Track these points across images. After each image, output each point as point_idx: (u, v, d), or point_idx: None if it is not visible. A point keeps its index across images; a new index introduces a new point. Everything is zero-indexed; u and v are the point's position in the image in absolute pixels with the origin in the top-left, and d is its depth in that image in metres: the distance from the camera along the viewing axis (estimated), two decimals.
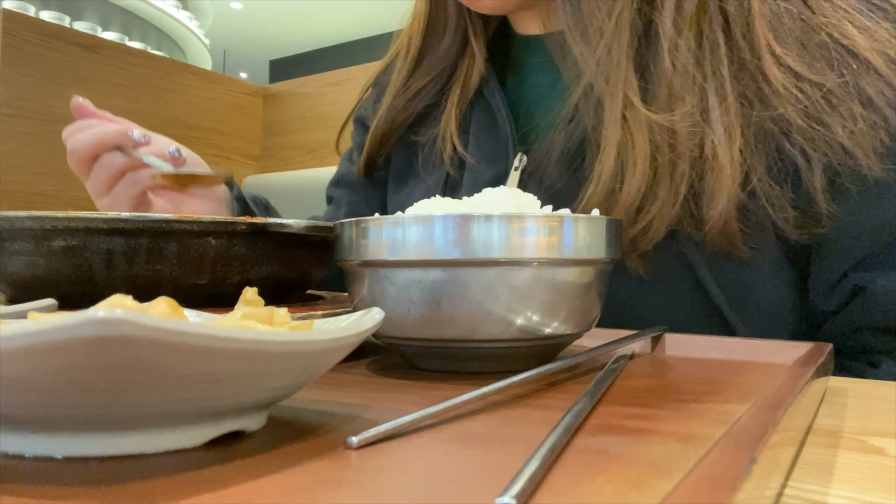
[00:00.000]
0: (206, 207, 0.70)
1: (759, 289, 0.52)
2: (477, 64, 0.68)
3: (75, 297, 0.38)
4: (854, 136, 0.46)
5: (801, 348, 0.38)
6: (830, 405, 0.33)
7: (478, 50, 0.68)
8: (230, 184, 0.74)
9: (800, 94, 0.47)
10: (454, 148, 0.66)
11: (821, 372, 0.31)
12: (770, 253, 0.51)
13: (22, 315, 0.29)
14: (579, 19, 0.52)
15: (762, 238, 0.50)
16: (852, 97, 0.47)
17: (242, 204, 0.74)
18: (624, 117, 0.50)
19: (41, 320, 0.16)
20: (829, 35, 0.48)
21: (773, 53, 0.48)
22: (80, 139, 0.61)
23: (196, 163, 0.68)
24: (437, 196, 0.38)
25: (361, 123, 0.80)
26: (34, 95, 1.69)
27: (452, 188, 0.66)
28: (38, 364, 0.17)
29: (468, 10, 0.66)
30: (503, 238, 0.33)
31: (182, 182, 0.64)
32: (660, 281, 0.52)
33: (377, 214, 0.35)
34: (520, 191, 0.37)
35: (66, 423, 0.20)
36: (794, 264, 0.53)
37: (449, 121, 0.67)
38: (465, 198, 0.38)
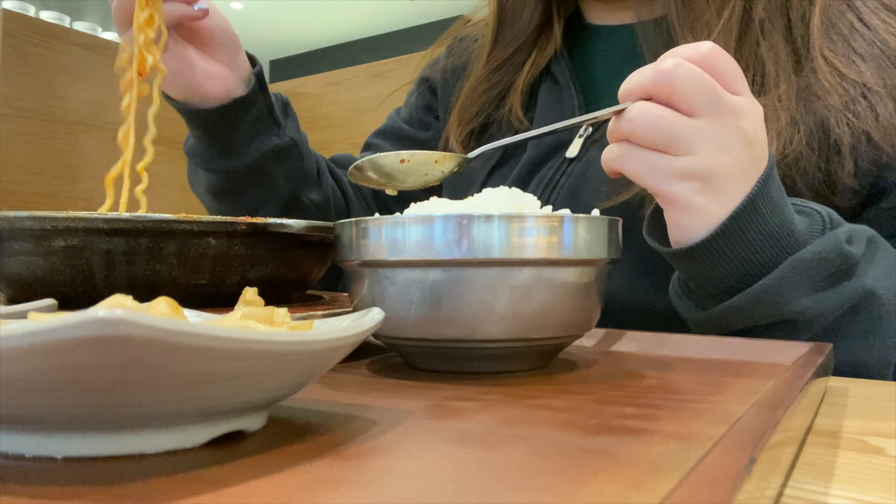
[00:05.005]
0: (221, 73, 0.66)
1: None
2: (554, 37, 0.71)
3: (75, 297, 0.38)
4: (882, 127, 0.52)
5: (801, 348, 0.38)
6: (830, 405, 0.33)
7: (557, 23, 0.71)
8: (254, 60, 0.69)
9: (840, 89, 0.54)
10: (518, 118, 0.69)
11: (821, 372, 0.31)
12: None
13: (22, 315, 0.29)
14: (690, 11, 0.57)
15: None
16: (887, 97, 0.53)
17: (261, 84, 0.68)
18: None
19: (41, 320, 0.16)
20: (873, 43, 0.55)
21: (823, 56, 0.55)
22: None
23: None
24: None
25: (428, 85, 0.82)
26: (34, 95, 1.69)
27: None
28: (38, 364, 0.17)
29: None
30: (503, 238, 0.33)
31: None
32: (654, 273, 0.53)
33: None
34: (519, 191, 0.37)
35: (66, 423, 0.20)
36: None
37: (516, 90, 0.70)
38: (474, 195, 0.37)
